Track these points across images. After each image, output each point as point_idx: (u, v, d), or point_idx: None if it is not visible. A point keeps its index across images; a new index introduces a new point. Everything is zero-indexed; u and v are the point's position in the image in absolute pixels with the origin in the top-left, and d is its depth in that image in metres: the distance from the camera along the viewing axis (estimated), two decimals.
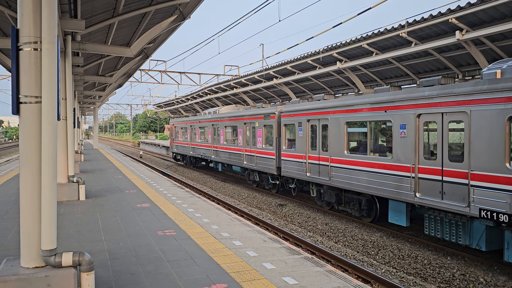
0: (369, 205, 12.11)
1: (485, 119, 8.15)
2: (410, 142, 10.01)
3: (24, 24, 4.11)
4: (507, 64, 8.24)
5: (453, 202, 8.80)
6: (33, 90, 4.14)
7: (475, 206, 8.28)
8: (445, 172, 9.05)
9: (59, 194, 10.28)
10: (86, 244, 6.68)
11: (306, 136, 14.46)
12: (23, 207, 4.15)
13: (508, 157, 7.78)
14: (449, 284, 8.08)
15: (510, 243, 8.01)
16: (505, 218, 7.72)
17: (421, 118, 9.77)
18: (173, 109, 54.82)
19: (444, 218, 9.35)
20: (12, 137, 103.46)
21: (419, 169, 9.78)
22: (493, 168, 7.99)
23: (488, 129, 8.10)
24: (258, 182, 19.39)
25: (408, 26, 13.39)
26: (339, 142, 12.66)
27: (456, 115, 8.87)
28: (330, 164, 13.05)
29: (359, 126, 12.35)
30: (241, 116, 20.06)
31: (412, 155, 9.93)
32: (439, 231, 9.51)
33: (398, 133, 10.37)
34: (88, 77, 19.50)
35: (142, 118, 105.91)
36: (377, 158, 11.22)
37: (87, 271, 4.16)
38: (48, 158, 4.07)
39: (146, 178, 16.12)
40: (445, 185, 9.03)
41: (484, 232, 8.53)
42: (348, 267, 8.46)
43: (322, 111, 13.57)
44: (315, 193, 14.71)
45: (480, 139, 8.25)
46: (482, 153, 8.22)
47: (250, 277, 5.24)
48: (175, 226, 7.96)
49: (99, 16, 10.93)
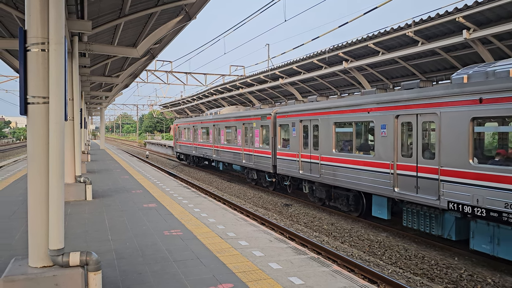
0: (356, 200, 12.86)
1: (453, 120, 8.94)
2: (389, 141, 10.81)
3: (31, 25, 4.13)
4: (473, 70, 9.03)
5: (426, 196, 9.60)
6: (41, 91, 4.15)
7: (444, 199, 9.08)
8: (419, 168, 9.88)
9: (66, 194, 10.34)
10: (93, 244, 6.71)
11: (299, 136, 15.25)
12: (31, 207, 4.17)
13: (472, 154, 8.57)
14: (456, 284, 8.03)
15: (475, 233, 8.77)
16: (469, 210, 8.51)
17: (399, 119, 10.58)
18: (179, 110, 54.98)
19: (420, 211, 10.14)
20: (19, 137, 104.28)
21: (397, 166, 10.59)
22: (459, 164, 8.79)
23: (455, 129, 8.87)
24: (256, 180, 20.16)
25: (415, 25, 13.33)
26: (328, 142, 13.51)
27: (428, 116, 9.69)
28: (320, 162, 13.88)
29: (345, 127, 13.10)
30: (240, 116, 20.92)
31: (391, 153, 10.74)
32: (415, 223, 10.30)
33: (379, 132, 11.18)
34: (95, 78, 19.60)
35: (148, 119, 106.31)
36: (361, 156, 12.03)
37: (95, 271, 4.18)
38: (55, 158, 4.09)
39: (152, 178, 16.18)
40: (420, 180, 9.84)
41: (454, 223, 9.34)
42: (354, 267, 8.43)
43: (313, 112, 14.40)
44: (308, 189, 15.42)
45: (448, 138, 9.03)
46: (450, 150, 9.01)
47: (256, 277, 5.24)
48: (181, 226, 7.98)
49: (105, 17, 10.98)
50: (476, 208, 8.34)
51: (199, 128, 28.12)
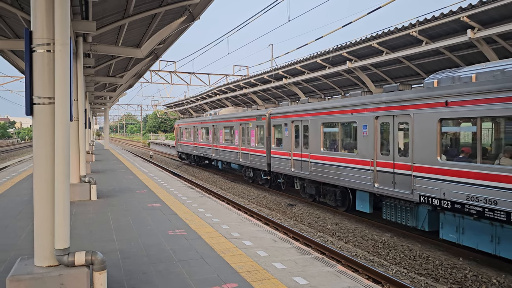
0: (343, 196, 13.77)
1: (423, 121, 9.82)
2: (370, 140, 11.71)
3: (37, 26, 4.15)
4: (443, 75, 9.80)
5: (401, 190, 10.50)
6: (46, 91, 4.17)
7: (417, 193, 9.97)
8: (396, 165, 10.78)
9: (71, 194, 10.38)
10: (98, 244, 6.74)
11: (291, 135, 16.18)
12: (37, 207, 4.19)
13: (439, 152, 9.45)
14: (461, 285, 8.00)
15: (443, 223, 9.63)
16: (437, 202, 9.39)
17: (378, 119, 11.49)
18: (182, 110, 55.06)
19: (397, 205, 11.05)
20: (24, 137, 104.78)
21: (377, 163, 11.49)
22: (428, 161, 9.68)
23: (425, 129, 9.76)
24: (253, 178, 21.15)
25: (419, 25, 13.29)
26: (317, 141, 14.43)
27: (403, 117, 10.60)
28: (310, 160, 14.80)
29: (332, 127, 14.01)
30: (237, 117, 21.94)
31: (372, 151, 11.65)
32: (393, 216, 11.19)
33: (361, 132, 12.09)
34: (99, 78, 19.67)
35: (152, 119, 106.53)
36: (346, 154, 12.92)
37: (100, 270, 4.20)
38: (61, 158, 4.11)
39: (156, 178, 16.22)
40: (396, 176, 10.73)
41: (426, 215, 10.18)
42: (359, 267, 8.42)
43: (303, 113, 15.34)
44: (299, 186, 16.38)
45: (420, 137, 9.92)
46: (421, 148, 9.90)
47: (261, 276, 5.25)
48: (185, 226, 8.00)
49: (110, 17, 11.02)
50: (443, 201, 9.23)
51: (199, 128, 29.12)
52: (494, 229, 8.44)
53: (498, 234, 8.35)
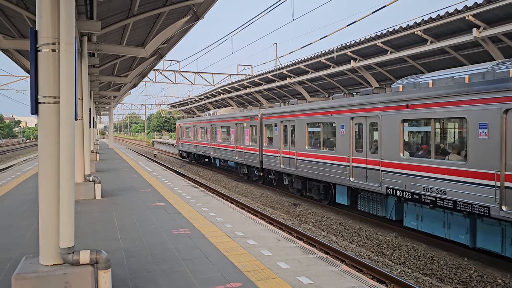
0: (326, 190, 14.90)
1: (389, 121, 11.01)
2: (347, 138, 12.92)
3: (42, 26, 4.16)
4: (407, 81, 10.94)
5: (372, 183, 11.67)
6: (52, 91, 4.19)
7: (384, 185, 11.17)
8: (368, 161, 11.96)
9: (76, 193, 10.42)
10: (102, 243, 6.76)
11: (280, 134, 17.39)
12: (42, 205, 4.21)
13: (402, 149, 10.66)
14: (466, 285, 7.97)
15: (406, 212, 10.78)
16: (400, 194, 10.58)
17: (353, 120, 12.65)
18: (186, 109, 55.11)
19: (369, 197, 12.18)
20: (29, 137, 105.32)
21: (352, 159, 12.67)
22: (393, 157, 10.90)
23: (390, 128, 10.95)
24: (248, 174, 22.42)
25: (424, 24, 13.22)
26: (302, 139, 15.64)
27: (373, 118, 11.76)
28: (296, 157, 16.00)
29: (315, 127, 15.18)
30: (233, 117, 23.30)
31: (348, 149, 12.82)
32: (367, 207, 12.31)
33: (339, 131, 13.23)
34: (104, 78, 19.73)
35: (156, 118, 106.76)
36: (327, 152, 14.09)
37: (104, 269, 4.21)
38: (66, 157, 4.12)
39: (160, 177, 16.26)
40: (368, 171, 11.90)
41: (394, 205, 11.30)
42: (363, 267, 8.40)
43: (291, 114, 16.53)
44: (288, 182, 17.60)
45: (386, 136, 11.10)
46: (387, 146, 11.08)
47: (265, 276, 5.25)
48: (189, 225, 8.01)
49: (114, 17, 11.05)
50: (405, 192, 10.45)
51: (198, 127, 30.53)
52: (445, 216, 9.63)
53: (449, 220, 9.55)
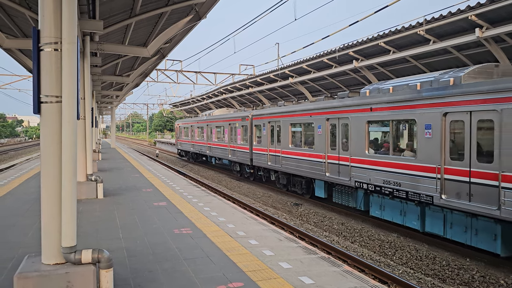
0: (307, 185, 16.31)
1: (357, 123, 12.44)
2: (323, 137, 14.26)
3: (45, 25, 4.16)
4: (373, 86, 12.42)
5: (344, 178, 13.09)
6: (54, 90, 4.19)
7: (353, 179, 12.56)
8: (340, 158, 13.37)
9: (78, 192, 10.36)
10: (104, 242, 6.77)
11: (268, 134, 18.78)
12: (44, 205, 4.22)
13: (367, 147, 12.10)
14: (468, 286, 7.95)
15: (372, 203, 12.20)
16: (366, 186, 11.97)
17: (329, 121, 14.03)
18: (188, 109, 55.11)
19: (342, 190, 13.65)
20: (32, 136, 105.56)
21: (328, 156, 14.06)
22: (360, 154, 12.31)
23: (358, 129, 12.39)
24: (240, 172, 23.93)
25: (427, 23, 13.18)
26: (286, 138, 17.04)
27: (344, 119, 13.15)
28: (281, 155, 17.43)
29: (297, 127, 16.53)
30: (227, 118, 24.88)
31: (324, 147, 14.21)
32: (340, 199, 13.82)
33: (317, 131, 14.58)
34: (106, 77, 19.74)
35: (158, 118, 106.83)
36: (307, 150, 15.49)
37: (106, 268, 4.22)
38: (68, 156, 4.13)
39: (162, 176, 16.27)
40: (340, 167, 13.33)
41: (362, 197, 12.68)
42: (365, 268, 8.38)
43: (277, 115, 17.96)
44: (275, 178, 18.97)
45: (355, 135, 12.53)
46: (356, 144, 12.48)
47: (266, 276, 5.24)
48: (191, 225, 8.01)
49: (116, 16, 11.05)
50: (369, 185, 11.83)
51: (195, 127, 32.15)
52: (402, 205, 11.03)
53: (404, 209, 10.95)
